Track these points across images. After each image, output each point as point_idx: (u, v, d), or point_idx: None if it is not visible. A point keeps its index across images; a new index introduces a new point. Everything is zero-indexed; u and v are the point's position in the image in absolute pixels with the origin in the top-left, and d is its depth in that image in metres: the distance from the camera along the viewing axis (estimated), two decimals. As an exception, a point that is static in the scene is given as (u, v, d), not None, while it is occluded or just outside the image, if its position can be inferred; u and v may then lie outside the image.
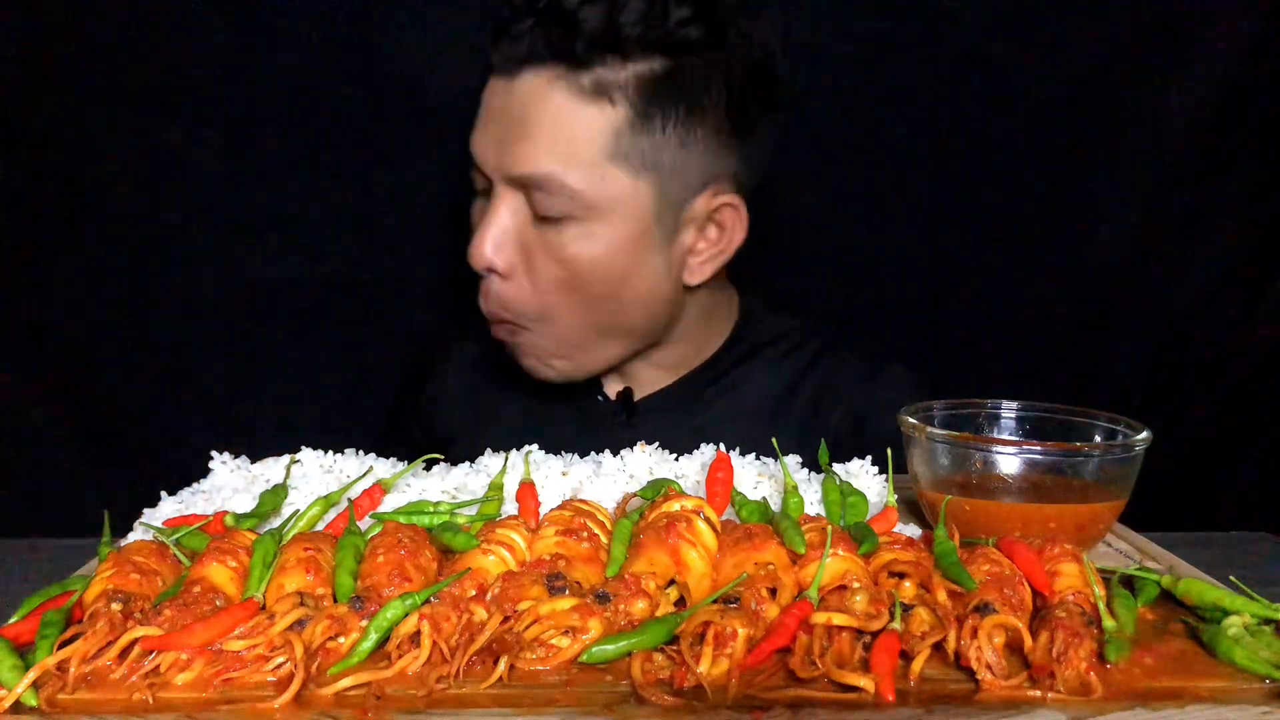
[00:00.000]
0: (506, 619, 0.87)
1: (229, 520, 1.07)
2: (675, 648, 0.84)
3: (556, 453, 1.32)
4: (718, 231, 1.56)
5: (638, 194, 1.47)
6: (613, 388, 1.71)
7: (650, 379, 1.70)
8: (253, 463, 1.30)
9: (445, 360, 1.86)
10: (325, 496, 1.13)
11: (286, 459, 1.28)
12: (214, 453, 1.30)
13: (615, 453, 1.31)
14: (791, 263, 2.17)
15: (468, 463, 1.29)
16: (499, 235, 1.48)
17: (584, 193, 1.44)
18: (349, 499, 1.13)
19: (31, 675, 0.79)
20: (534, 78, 1.44)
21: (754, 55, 1.48)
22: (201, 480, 1.27)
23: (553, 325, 1.53)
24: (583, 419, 1.69)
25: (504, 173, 1.47)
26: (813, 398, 1.70)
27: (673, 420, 1.66)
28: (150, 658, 0.82)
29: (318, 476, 1.24)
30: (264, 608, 0.89)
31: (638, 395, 1.69)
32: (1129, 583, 1.01)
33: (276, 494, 1.16)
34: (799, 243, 2.17)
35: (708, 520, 0.98)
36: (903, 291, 2.21)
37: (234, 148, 2.09)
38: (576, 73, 1.42)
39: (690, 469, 1.26)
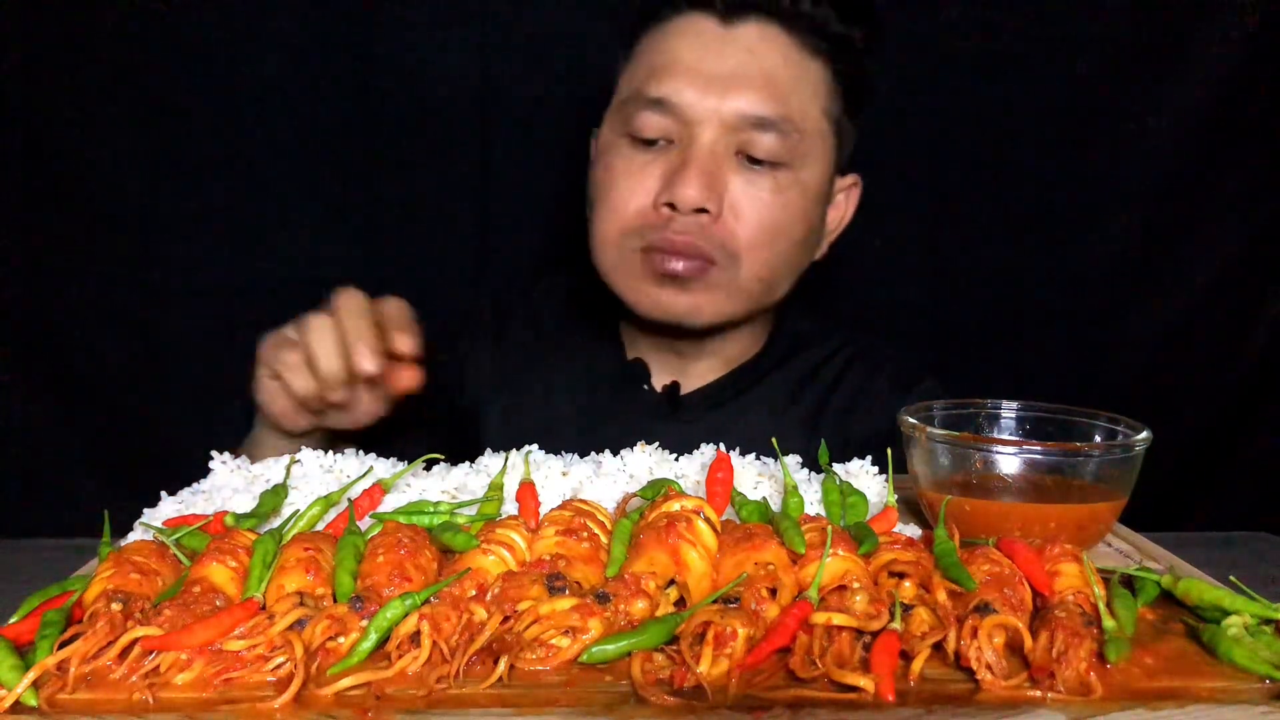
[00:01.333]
0: (506, 619, 0.87)
1: (229, 520, 1.07)
2: (675, 648, 0.84)
3: (597, 439, 1.32)
4: (835, 212, 1.68)
5: (829, 152, 1.57)
6: (660, 380, 1.70)
7: (701, 372, 1.69)
8: (253, 463, 1.30)
9: (501, 318, 1.81)
10: (325, 496, 1.12)
11: (286, 459, 1.28)
12: (214, 453, 1.30)
13: (662, 444, 1.30)
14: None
15: (467, 463, 1.29)
16: (707, 176, 1.48)
17: (807, 138, 1.52)
18: (349, 499, 1.13)
19: (31, 675, 0.79)
20: (757, 27, 1.50)
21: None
22: (201, 480, 1.26)
23: (742, 267, 1.53)
24: (626, 408, 1.68)
25: (725, 114, 1.47)
26: (848, 406, 1.70)
27: (715, 418, 1.65)
28: (150, 658, 0.82)
29: (318, 476, 1.23)
30: (264, 608, 0.89)
31: (683, 390, 1.68)
32: (1129, 583, 1.00)
33: (276, 494, 1.15)
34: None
35: (708, 520, 0.98)
36: (903, 292, 2.21)
37: (234, 148, 2.09)
38: (796, 30, 1.51)
39: (690, 469, 1.26)
